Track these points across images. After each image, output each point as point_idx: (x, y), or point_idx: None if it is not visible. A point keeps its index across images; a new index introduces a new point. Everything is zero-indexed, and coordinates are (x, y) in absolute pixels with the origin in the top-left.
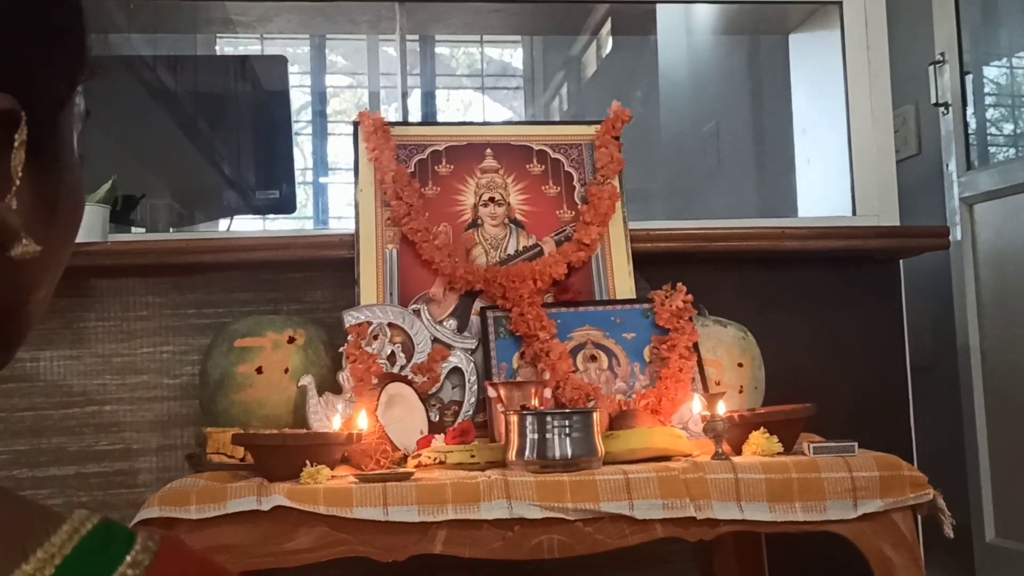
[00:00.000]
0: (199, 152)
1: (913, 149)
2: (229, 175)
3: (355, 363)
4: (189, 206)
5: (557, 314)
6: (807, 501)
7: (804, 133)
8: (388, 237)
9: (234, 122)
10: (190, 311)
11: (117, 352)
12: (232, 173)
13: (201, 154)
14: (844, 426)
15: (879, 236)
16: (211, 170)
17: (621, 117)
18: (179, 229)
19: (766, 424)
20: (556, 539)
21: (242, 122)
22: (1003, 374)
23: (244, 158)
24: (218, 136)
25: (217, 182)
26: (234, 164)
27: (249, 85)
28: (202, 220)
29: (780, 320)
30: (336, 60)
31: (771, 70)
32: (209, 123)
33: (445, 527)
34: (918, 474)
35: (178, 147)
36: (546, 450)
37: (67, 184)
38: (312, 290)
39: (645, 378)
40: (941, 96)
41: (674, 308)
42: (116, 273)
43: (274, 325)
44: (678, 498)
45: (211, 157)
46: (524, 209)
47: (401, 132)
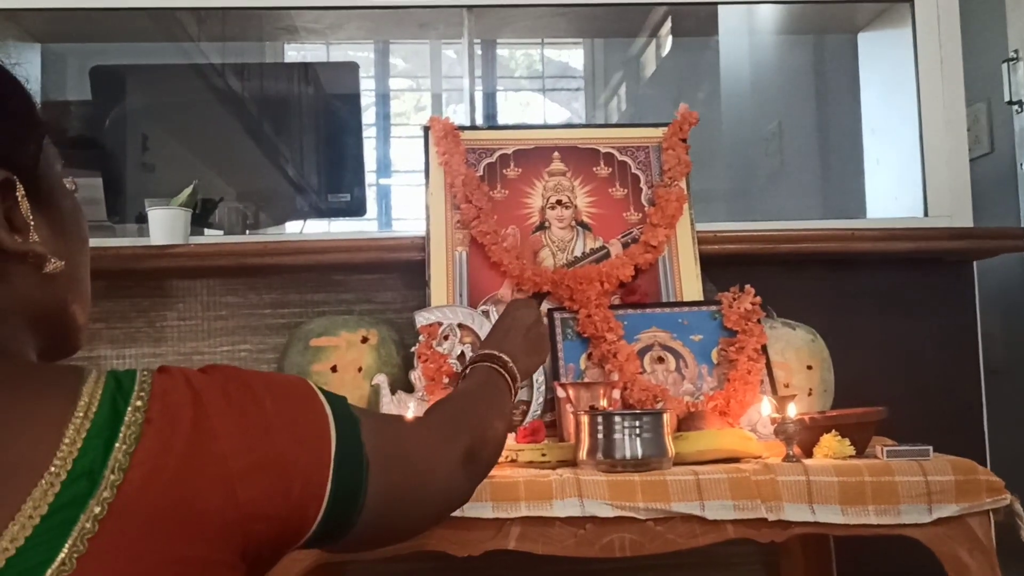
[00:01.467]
0: (270, 157)
1: (985, 148)
2: (301, 180)
3: (426, 363)
4: (263, 210)
5: (624, 316)
6: (880, 504)
7: (873, 133)
8: (458, 240)
9: (306, 127)
10: (266, 311)
11: (198, 350)
12: (304, 178)
13: (273, 159)
14: (916, 431)
15: (952, 238)
16: (283, 175)
17: (688, 119)
18: (253, 232)
19: (837, 427)
20: (628, 538)
21: (314, 127)
22: None
23: (316, 163)
24: (289, 141)
25: (288, 186)
26: (306, 169)
27: (321, 91)
28: (275, 223)
29: (850, 323)
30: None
31: (837, 69)
32: (280, 128)
33: (519, 524)
34: (995, 479)
35: (251, 153)
36: (616, 450)
37: (66, 210)
38: (383, 291)
39: (713, 380)
40: (1015, 94)
41: (742, 310)
42: (196, 274)
43: (348, 325)
44: (749, 499)
45: (282, 161)
46: (591, 211)
47: (470, 136)
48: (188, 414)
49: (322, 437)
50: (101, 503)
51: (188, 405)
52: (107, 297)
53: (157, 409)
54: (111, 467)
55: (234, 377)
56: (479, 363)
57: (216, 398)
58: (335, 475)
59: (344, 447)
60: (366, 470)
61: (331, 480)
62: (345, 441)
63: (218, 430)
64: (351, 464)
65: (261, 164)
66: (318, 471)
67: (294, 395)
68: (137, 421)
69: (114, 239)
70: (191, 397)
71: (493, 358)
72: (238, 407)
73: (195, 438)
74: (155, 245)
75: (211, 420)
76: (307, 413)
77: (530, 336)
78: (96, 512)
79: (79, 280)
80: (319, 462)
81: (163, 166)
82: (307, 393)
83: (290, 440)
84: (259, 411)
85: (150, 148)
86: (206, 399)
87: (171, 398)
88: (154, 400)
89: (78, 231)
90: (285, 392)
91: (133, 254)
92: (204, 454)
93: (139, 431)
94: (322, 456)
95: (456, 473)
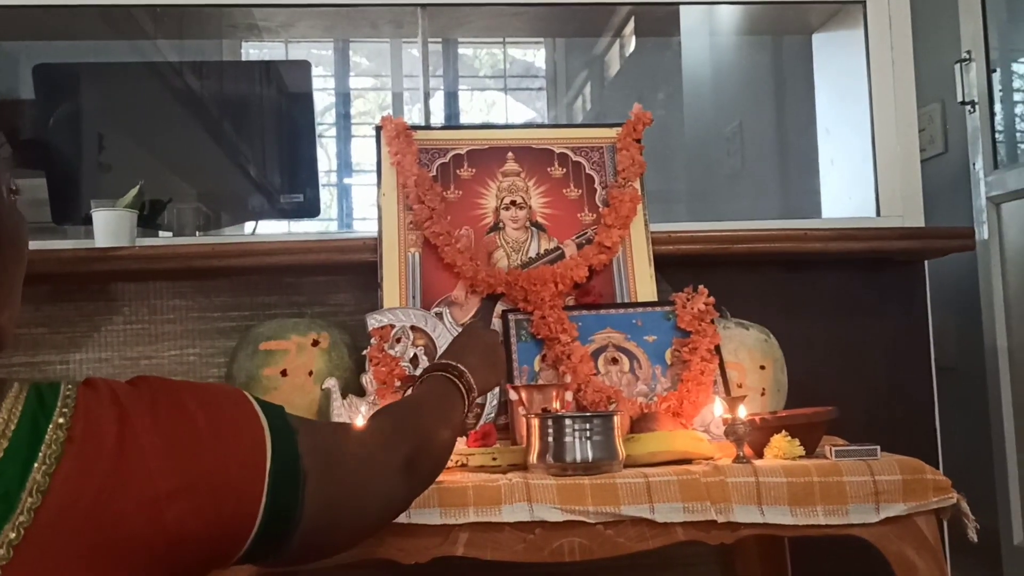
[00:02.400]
0: (224, 156)
1: (940, 148)
2: (254, 179)
3: (378, 366)
4: (215, 210)
5: (578, 317)
6: (829, 505)
7: (828, 133)
8: (410, 241)
9: (259, 127)
10: (216, 314)
11: (145, 355)
12: (257, 177)
13: (226, 158)
14: (868, 429)
15: (903, 237)
16: (236, 174)
17: (642, 119)
18: (205, 233)
19: (788, 427)
20: (577, 542)
21: (267, 127)
22: None
23: (269, 162)
24: (243, 141)
25: (242, 186)
26: (259, 168)
27: (274, 90)
28: (228, 224)
29: (803, 323)
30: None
31: (794, 70)
32: (234, 128)
33: (467, 529)
34: (941, 478)
35: (204, 152)
36: (566, 453)
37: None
38: (336, 293)
39: (667, 381)
40: (967, 94)
41: (695, 311)
42: (143, 277)
43: (298, 328)
44: (699, 501)
45: (236, 161)
46: (545, 212)
47: (423, 136)
48: (113, 432)
49: (257, 452)
50: (16, 528)
51: (113, 422)
52: (50, 301)
53: (80, 427)
54: (29, 489)
55: (165, 391)
56: (433, 372)
57: (143, 415)
58: (270, 490)
59: (280, 461)
60: (302, 483)
61: (266, 495)
62: (281, 454)
63: (145, 449)
64: (287, 478)
65: (214, 164)
66: (252, 487)
67: (229, 409)
68: (58, 440)
69: (56, 241)
70: (117, 414)
71: (448, 367)
72: (167, 424)
73: (120, 458)
74: (99, 247)
75: (138, 439)
76: (242, 427)
77: (488, 355)
78: (11, 538)
79: (8, 294)
80: (253, 478)
81: (120, 167)
82: (242, 406)
83: (223, 457)
84: (190, 427)
85: (106, 148)
86: (133, 416)
87: (95, 415)
88: (77, 418)
89: (13, 240)
90: (219, 406)
91: (76, 257)
92: (129, 475)
93: (60, 451)
94: (257, 472)
95: (395, 480)
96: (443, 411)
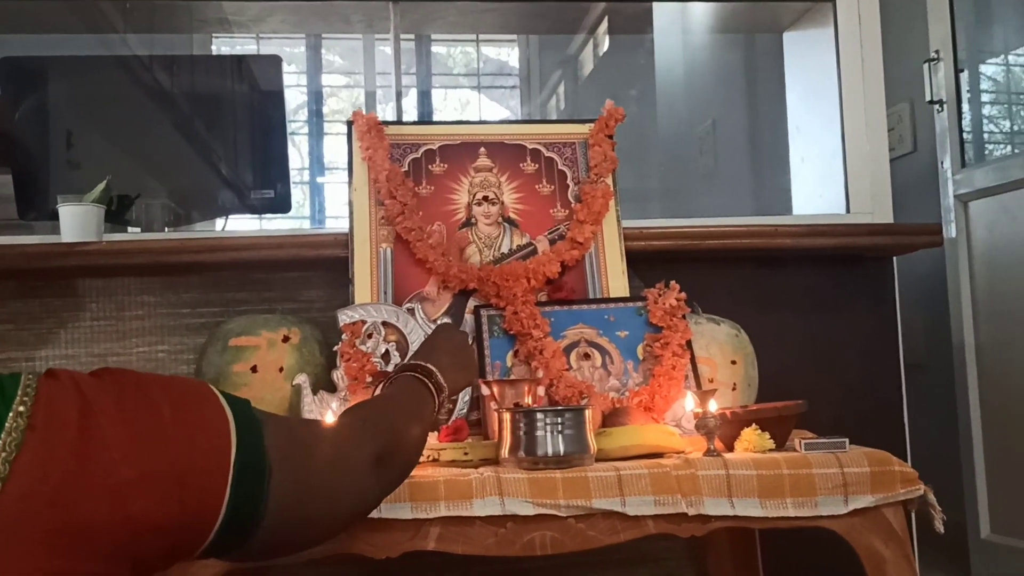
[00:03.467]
0: (194, 152)
1: (908, 147)
2: (224, 175)
3: (349, 362)
4: (185, 206)
5: (551, 312)
6: (798, 497)
7: (798, 131)
8: (382, 236)
9: (229, 122)
10: (185, 311)
11: (112, 351)
12: (227, 173)
13: (196, 154)
14: (837, 424)
15: (871, 233)
16: (206, 170)
17: (615, 115)
18: (175, 229)
19: (758, 421)
20: (548, 535)
21: (237, 122)
22: (998, 371)
23: (239, 158)
24: (213, 136)
25: (212, 182)
26: (229, 164)
27: (244, 85)
28: (198, 220)
29: (774, 318)
30: (333, 60)
31: (766, 69)
32: (204, 123)
33: (438, 524)
34: (909, 470)
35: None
36: (538, 447)
37: None
38: (307, 289)
39: (639, 376)
40: (936, 94)
41: (667, 306)
42: (111, 273)
43: (268, 324)
44: (670, 494)
45: (206, 157)
46: (518, 208)
47: (395, 131)
48: (75, 421)
49: (221, 443)
50: None
51: (75, 411)
52: (16, 297)
53: (42, 416)
54: None
55: (129, 382)
56: (403, 373)
57: (107, 405)
58: (234, 483)
59: (245, 453)
60: (268, 477)
61: (230, 488)
62: (246, 447)
63: (108, 438)
64: (252, 471)
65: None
66: (216, 479)
67: (193, 400)
68: (19, 428)
69: (21, 237)
70: (79, 403)
71: (418, 368)
72: (131, 414)
73: (82, 447)
74: (65, 242)
75: (101, 428)
76: (207, 419)
77: (458, 356)
78: None
79: None
80: (217, 470)
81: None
82: (207, 398)
83: (187, 448)
84: (154, 418)
85: (73, 143)
86: (96, 406)
87: (57, 404)
88: (39, 406)
89: None
90: (183, 397)
91: (41, 252)
92: (91, 464)
93: (21, 438)
94: (221, 463)
95: (364, 478)
96: (413, 410)
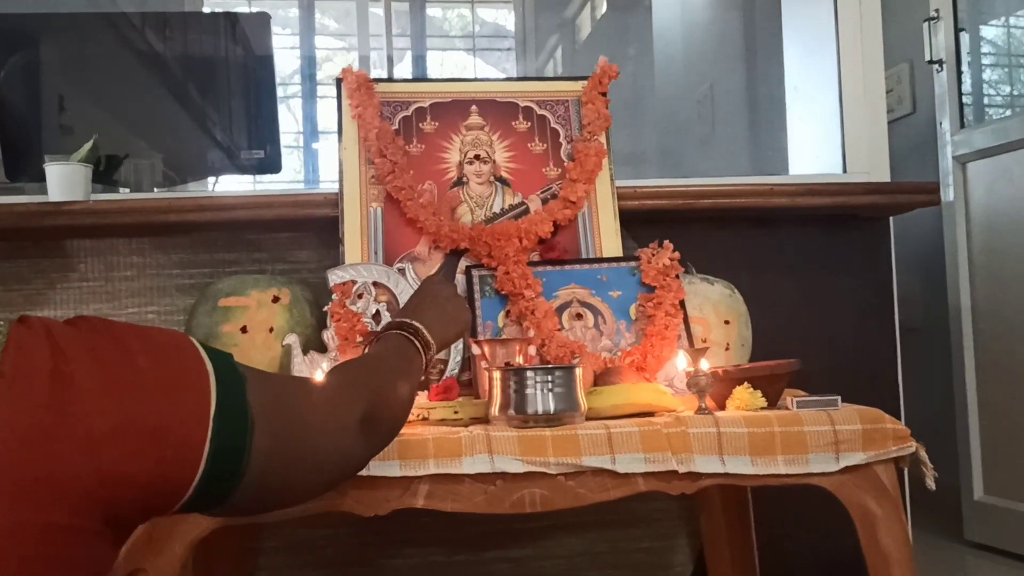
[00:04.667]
0: (184, 112)
1: (908, 108)
2: (213, 135)
3: (339, 322)
4: (174, 166)
5: (543, 272)
6: (789, 454)
7: (796, 92)
8: (372, 195)
9: (218, 81)
10: (175, 271)
11: (102, 312)
12: (217, 133)
13: (185, 114)
14: (831, 385)
15: (868, 192)
16: (195, 130)
17: (608, 72)
18: (170, 189)
19: (750, 380)
20: (538, 493)
21: (226, 81)
22: (993, 334)
23: (228, 117)
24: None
25: (201, 142)
26: (218, 124)
27: (233, 43)
28: (189, 181)
29: (769, 278)
30: (328, 23)
31: (764, 28)
32: (193, 82)
33: (427, 481)
34: (900, 427)
35: (161, 106)
36: (528, 405)
37: None
38: (297, 250)
39: (631, 336)
40: (935, 53)
41: (660, 266)
42: (99, 233)
43: (258, 284)
44: (660, 452)
45: (195, 117)
46: (510, 167)
47: (385, 89)
48: (47, 368)
49: (200, 396)
50: None
51: (47, 359)
52: (4, 259)
53: (10, 362)
54: None
55: (104, 330)
56: (389, 331)
57: (80, 353)
58: (214, 436)
59: (226, 406)
60: (250, 431)
61: (209, 442)
62: (227, 400)
63: (82, 388)
64: (233, 424)
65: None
66: (194, 432)
67: (171, 351)
68: None
69: (9, 197)
70: (51, 351)
71: (404, 325)
72: (106, 363)
73: (54, 396)
74: (52, 201)
75: (74, 377)
76: (184, 370)
77: (447, 308)
78: None
79: None
80: (196, 422)
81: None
82: (186, 349)
83: (164, 399)
84: (130, 368)
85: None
86: (69, 353)
87: (28, 351)
88: (7, 352)
89: None
90: (161, 348)
91: (28, 211)
92: (64, 414)
93: None
94: (199, 416)
95: (351, 437)
96: (400, 369)
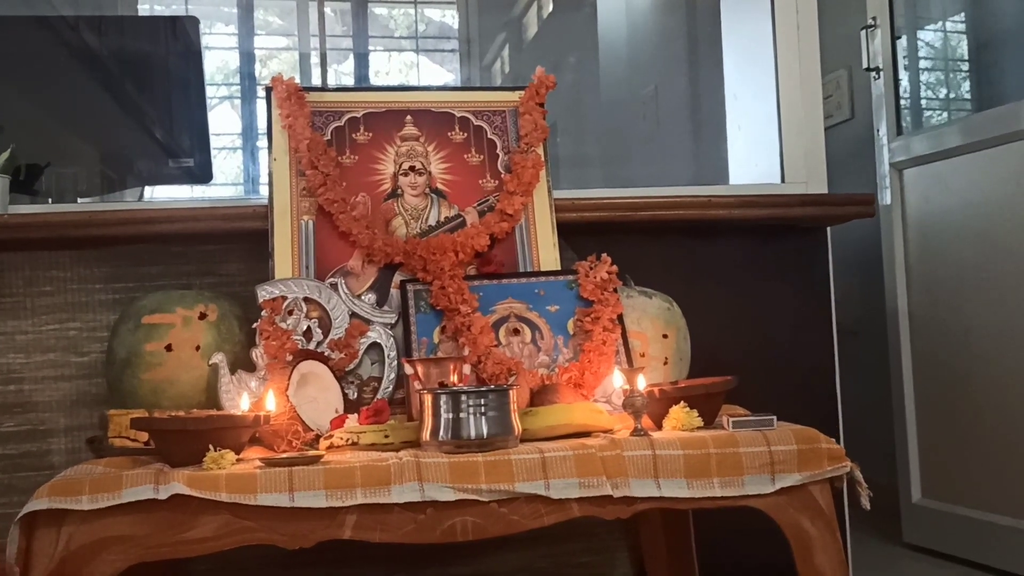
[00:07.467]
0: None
1: (847, 114)
2: (141, 142)
3: (269, 339)
4: (100, 176)
5: (479, 287)
6: (725, 476)
7: (735, 99)
8: (304, 208)
9: (144, 88)
10: (97, 286)
11: (20, 329)
12: (144, 140)
13: (111, 121)
14: (771, 395)
15: (804, 204)
16: (121, 138)
17: (545, 83)
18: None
19: (686, 398)
20: (470, 521)
21: (152, 88)
22: (930, 337)
23: (155, 125)
24: (126, 103)
25: (127, 151)
26: (145, 132)
27: (160, 47)
28: (114, 191)
29: (708, 290)
30: (272, 20)
31: (706, 34)
32: (117, 89)
33: (355, 512)
34: (835, 446)
35: (87, 114)
36: (460, 430)
37: None
38: (226, 263)
39: (569, 351)
40: (872, 61)
41: (598, 279)
42: (17, 247)
43: (184, 300)
44: (595, 476)
45: (122, 124)
46: (446, 178)
47: (317, 98)
48: None
49: None
50: None
51: None
52: None
53: None
54: None
55: None
56: None
57: None
58: None
59: None
60: None
61: None
62: None
63: None
64: None
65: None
66: None
67: None
68: None
69: None
70: None
71: None
72: None
73: None
74: None
75: None
76: None
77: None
78: None
79: None
80: None
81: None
82: None
83: None
84: None
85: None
86: None
87: None
88: None
89: None
90: None
91: None
92: None
93: None
94: None
95: None
96: None
